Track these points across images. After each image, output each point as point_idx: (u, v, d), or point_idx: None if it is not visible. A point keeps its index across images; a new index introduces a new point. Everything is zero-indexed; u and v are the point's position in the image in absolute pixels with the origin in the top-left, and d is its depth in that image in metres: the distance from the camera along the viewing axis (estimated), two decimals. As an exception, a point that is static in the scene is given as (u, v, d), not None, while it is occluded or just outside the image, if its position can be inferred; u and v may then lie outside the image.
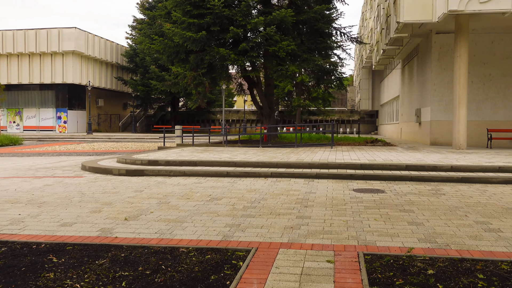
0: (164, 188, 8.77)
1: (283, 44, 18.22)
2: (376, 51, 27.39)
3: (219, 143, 20.83)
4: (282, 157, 12.50)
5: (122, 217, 6.22)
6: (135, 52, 44.04)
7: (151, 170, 10.40)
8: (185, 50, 20.04)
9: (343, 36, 21.45)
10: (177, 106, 48.74)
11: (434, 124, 19.26)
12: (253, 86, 22.45)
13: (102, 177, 10.33)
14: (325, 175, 9.76)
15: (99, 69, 44.57)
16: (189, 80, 19.23)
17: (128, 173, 10.45)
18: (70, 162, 14.76)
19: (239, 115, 52.34)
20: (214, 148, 16.91)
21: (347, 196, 7.85)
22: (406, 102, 26.02)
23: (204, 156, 12.91)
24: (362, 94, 44.53)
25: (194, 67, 19.75)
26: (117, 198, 7.73)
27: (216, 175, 10.11)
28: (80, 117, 43.13)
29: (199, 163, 11.14)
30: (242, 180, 9.74)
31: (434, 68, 19.23)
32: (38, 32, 40.40)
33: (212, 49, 18.75)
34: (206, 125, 51.33)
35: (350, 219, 6.09)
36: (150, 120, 51.13)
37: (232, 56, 18.38)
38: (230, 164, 10.99)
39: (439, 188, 8.63)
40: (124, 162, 11.80)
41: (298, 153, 14.05)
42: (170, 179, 9.93)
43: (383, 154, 13.61)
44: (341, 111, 51.33)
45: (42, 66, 41.06)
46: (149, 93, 43.15)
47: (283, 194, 8.02)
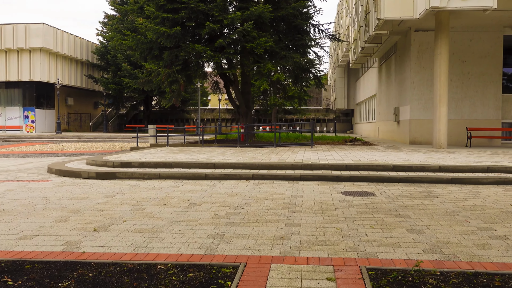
0: (138, 193, 8.09)
1: (261, 40, 17.68)
2: (353, 49, 27.14)
3: (195, 143, 20.15)
4: (262, 157, 11.95)
5: (91, 228, 5.56)
6: (106, 49, 42.74)
7: (123, 173, 9.69)
8: (158, 47, 19.27)
9: (321, 33, 21.06)
10: (151, 105, 47.64)
11: (413, 123, 19.05)
12: (229, 84, 21.84)
13: (69, 181, 9.56)
14: (310, 176, 9.25)
15: (69, 66, 43.09)
16: (163, 78, 18.48)
17: (99, 176, 9.71)
18: (36, 164, 13.84)
19: (214, 114, 51.60)
20: (190, 149, 16.23)
21: (336, 200, 7.36)
22: (383, 101, 25.85)
23: (180, 157, 12.25)
24: (337, 93, 44.43)
25: (169, 64, 19.00)
26: (86, 205, 7.03)
27: (194, 177, 9.48)
28: (49, 117, 41.62)
29: (175, 165, 10.48)
30: (222, 183, 9.14)
31: (413, 66, 19.01)
32: (3, 27, 38.70)
33: (187, 45, 18.05)
34: (180, 125, 50.40)
35: (344, 226, 5.58)
36: (123, 119, 49.85)
37: (208, 52, 17.73)
38: (208, 165, 10.38)
39: (430, 190, 8.23)
40: (94, 164, 11.03)
41: (278, 153, 13.53)
42: (145, 183, 9.25)
43: (366, 154, 13.22)
44: (316, 110, 51.18)
45: (8, 63, 39.38)
46: (121, 91, 41.98)
47: (267, 198, 7.46)
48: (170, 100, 24.46)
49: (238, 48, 19.14)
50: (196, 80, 28.24)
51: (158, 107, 50.09)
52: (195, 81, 25.47)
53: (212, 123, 51.39)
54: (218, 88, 25.14)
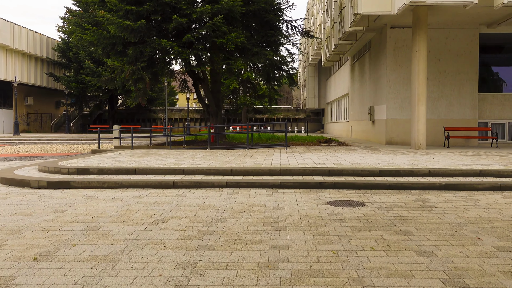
0: (94, 206, 6.98)
1: (232, 36, 16.68)
2: (326, 47, 26.47)
3: (162, 145, 18.97)
4: (236, 161, 10.97)
5: (31, 256, 4.47)
6: (67, 46, 40.75)
7: (79, 181, 8.52)
8: (122, 42, 17.98)
9: (294, 30, 20.22)
10: (116, 104, 45.84)
11: (389, 123, 18.46)
12: (198, 82, 20.73)
13: (16, 191, 8.33)
14: (291, 183, 8.33)
15: (28, 64, 40.87)
16: (127, 75, 17.22)
17: (51, 185, 8.52)
18: (-17, 170, 12.44)
19: (183, 113, 50.21)
20: (157, 151, 15.09)
21: (324, 211, 6.46)
22: (356, 100, 25.28)
23: (146, 161, 11.13)
24: (308, 92, 43.85)
25: (133, 61, 17.75)
26: (29, 223, 5.90)
27: (161, 186, 8.42)
28: (7, 117, 39.35)
29: (139, 171, 9.38)
30: (192, 192, 8.11)
31: (389, 64, 18.42)
32: (-45, 22, 36.29)
33: (153, 40, 16.86)
34: (147, 125, 48.78)
35: (339, 248, 4.68)
36: (86, 119, 47.83)
37: (176, 48, 16.59)
38: (176, 171, 9.32)
39: (424, 198, 7.44)
40: (47, 171, 9.80)
41: (252, 156, 12.58)
42: (104, 193, 8.12)
43: (345, 156, 12.42)
44: (287, 110, 50.50)
45: (-39, 60, 36.98)
46: (84, 90, 40.10)
47: (245, 211, 6.50)
48: (136, 99, 23.15)
49: (208, 44, 18.09)
50: (163, 79, 26.98)
51: (124, 106, 48.32)
52: (162, 79, 24.20)
53: (181, 123, 49.98)
54: (187, 86, 23.99)
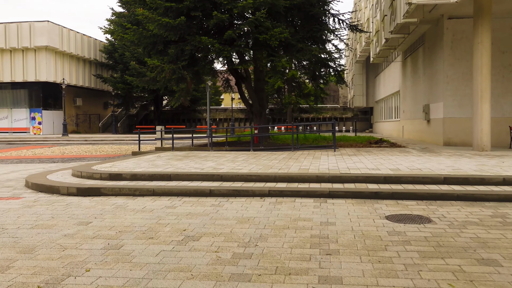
0: (121, 218, 6.28)
1: (275, 31, 15.77)
2: (375, 42, 25.08)
3: (204, 146, 18.35)
4: (280, 165, 10.07)
5: (35, 284, 3.76)
6: (114, 48, 41.15)
7: (110, 188, 7.88)
8: (163, 40, 17.49)
9: (341, 24, 19.06)
10: (161, 104, 46.00)
11: (447, 122, 16.98)
12: (241, 81, 19.98)
13: (44, 199, 7.80)
14: (341, 193, 7.33)
15: (76, 66, 41.62)
16: (167, 74, 16.68)
17: (80, 192, 7.93)
18: (21, 173, 12.15)
19: (227, 113, 49.82)
20: (197, 153, 14.41)
21: (382, 229, 5.45)
22: (409, 98, 23.75)
23: (183, 165, 10.42)
24: (355, 90, 42.29)
25: (174, 60, 17.21)
26: (47, 238, 5.26)
27: (196, 194, 7.64)
28: (57, 118, 40.22)
29: (175, 177, 8.65)
30: (230, 201, 7.27)
31: (446, 58, 16.94)
32: (8, 26, 37.34)
33: (194, 38, 16.22)
34: (192, 125, 48.73)
35: (408, 284, 3.67)
36: (133, 120, 48.32)
37: (217, 45, 15.88)
38: (214, 177, 8.52)
39: (503, 213, 6.26)
40: (79, 175, 9.27)
41: (297, 159, 11.63)
42: (134, 201, 7.43)
43: (401, 160, 11.24)
44: (333, 109, 49.05)
45: (13, 63, 38.02)
46: (130, 91, 40.36)
47: (289, 227, 5.59)
48: (178, 100, 22.70)
49: (250, 41, 17.26)
50: (206, 78, 26.46)
51: (169, 107, 48.46)
52: (206, 79, 23.68)
53: (225, 123, 49.59)
54: (229, 86, 23.31)
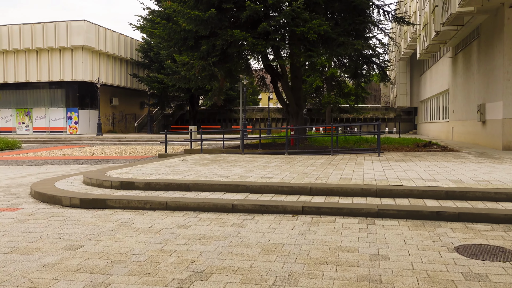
0: (120, 241, 5.11)
1: (314, 23, 14.38)
2: (423, 36, 23.18)
3: (235, 148, 17.15)
4: (317, 173, 8.71)
5: None
6: (149, 46, 40.71)
7: (117, 200, 6.75)
8: (194, 36, 16.42)
9: (387, 16, 17.42)
10: (197, 104, 45.24)
11: (508, 124, 15.08)
12: (277, 78, 18.68)
13: (42, 211, 6.76)
14: (393, 211, 5.90)
15: (112, 65, 41.45)
16: (197, 71, 15.57)
17: (83, 204, 6.85)
18: (38, 177, 11.30)
19: (264, 113, 48.58)
20: (226, 157, 13.21)
21: (455, 269, 4.02)
22: (460, 97, 21.77)
23: (207, 172, 9.22)
24: (399, 89, 40.12)
25: (204, 56, 16.09)
26: (21, 269, 4.16)
27: (216, 209, 6.40)
28: (93, 117, 40.13)
29: (194, 187, 7.45)
30: (255, 220, 5.99)
31: (507, 53, 15.05)
32: (45, 26, 37.47)
33: (225, 32, 15.04)
34: (228, 125, 47.78)
35: None
36: (168, 119, 47.85)
37: (250, 39, 14.64)
38: (239, 188, 7.26)
39: None
40: (89, 183, 8.22)
41: (337, 165, 10.21)
42: (143, 217, 6.27)
43: (459, 168, 9.63)
44: (375, 108, 46.91)
45: (50, 63, 38.14)
46: (166, 90, 39.76)
47: (328, 262, 4.25)
48: (211, 99, 21.64)
49: (286, 35, 15.92)
50: (242, 77, 25.34)
51: (205, 106, 47.70)
52: (241, 78, 22.51)
53: (262, 123, 48.36)
54: (265, 84, 22.06)
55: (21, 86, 39.76)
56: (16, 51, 38.52)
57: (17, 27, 38.08)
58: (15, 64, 38.86)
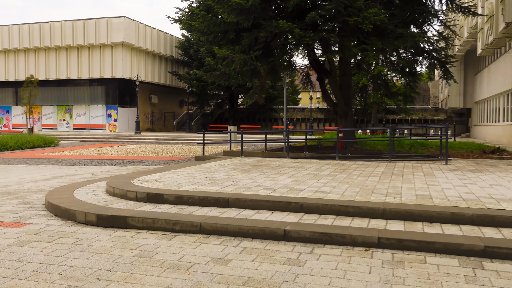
0: (137, 283, 3.79)
1: (369, 12, 12.75)
2: (487, 30, 21.00)
3: (278, 151, 15.72)
4: (382, 186, 7.16)
5: None
6: (189, 43, 39.83)
7: (141, 218, 5.45)
8: (235, 28, 15.12)
9: (450, 5, 15.54)
10: (236, 103, 44.07)
11: None
12: (324, 75, 17.11)
13: (51, 229, 5.54)
14: (506, 251, 4.31)
15: (152, 62, 40.85)
16: (238, 66, 14.23)
17: (100, 221, 5.59)
18: (64, 180, 10.25)
19: (305, 113, 46.87)
20: (270, 161, 11.79)
21: None
22: (528, 97, 19.50)
23: (249, 180, 7.83)
24: (451, 89, 37.55)
25: (246, 49, 14.75)
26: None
27: (264, 235, 4.99)
28: (132, 115, 39.62)
29: (235, 203, 6.06)
30: (316, 254, 4.52)
31: None
32: (86, 22, 37.20)
33: (269, 23, 13.63)
34: (268, 124, 46.39)
35: None
36: (207, 118, 46.93)
37: (297, 31, 13.16)
38: (291, 206, 5.82)
39: None
40: (112, 192, 6.99)
41: (403, 176, 8.60)
42: (170, 243, 4.93)
43: (557, 182, 7.82)
44: (423, 109, 44.32)
45: (91, 60, 37.86)
46: (205, 88, 38.76)
47: None
48: (252, 97, 20.24)
49: (336, 26, 14.33)
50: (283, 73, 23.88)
51: (245, 105, 46.46)
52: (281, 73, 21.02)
53: (303, 124, 46.69)
54: (310, 82, 20.50)
55: (62, 83, 39.73)
56: (57, 48, 38.48)
57: (58, 24, 38.02)
58: (56, 61, 38.84)
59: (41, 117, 40.96)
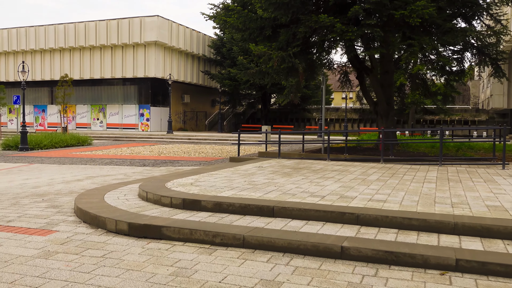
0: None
1: (418, 5, 11.89)
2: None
3: (316, 153, 15.00)
4: (443, 195, 6.39)
5: None
6: (222, 42, 39.42)
7: (177, 229, 4.88)
8: (271, 24, 14.50)
9: (503, -2, 14.45)
10: (269, 102, 43.39)
11: None
12: (365, 73, 16.30)
13: (78, 238, 5.04)
14: None
15: (185, 62, 40.68)
16: (275, 63, 13.57)
17: (132, 231, 5.06)
18: (93, 181, 9.85)
19: (339, 113, 45.78)
20: (309, 164, 11.10)
21: None
22: None
23: (292, 186, 7.18)
24: (494, 88, 35.86)
25: (283, 46, 14.10)
26: None
27: (317, 253, 4.33)
28: (164, 115, 39.53)
29: (281, 212, 5.42)
30: (381, 278, 3.83)
31: None
32: (120, 22, 37.28)
33: (309, 17, 12.93)
34: (300, 125, 45.50)
35: None
36: (239, 118, 46.46)
37: (338, 25, 12.41)
38: (345, 217, 5.13)
39: None
40: (145, 197, 6.46)
41: (462, 182, 7.77)
42: (210, 258, 4.34)
43: None
44: (463, 110, 42.56)
45: (124, 59, 37.94)
46: (238, 88, 38.28)
47: None
48: (288, 96, 19.56)
49: (380, 20, 13.45)
50: (320, 73, 23.16)
51: (277, 105, 45.74)
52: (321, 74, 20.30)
53: (337, 124, 45.62)
54: (348, 81, 19.67)
55: (96, 82, 40.01)
56: (92, 47, 38.76)
57: (93, 24, 38.29)
58: (90, 61, 39.13)
59: (75, 116, 41.39)
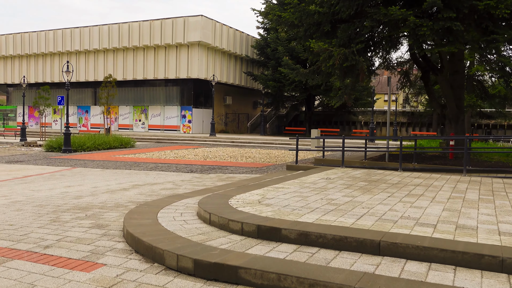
0: None
1: (506, -5, 10.32)
2: None
3: (379, 161, 13.57)
4: None
5: None
6: (266, 42, 38.26)
7: (259, 273, 3.68)
8: (330, 19, 13.18)
9: None
10: (313, 105, 41.89)
11: None
12: (432, 73, 14.72)
13: (132, 277, 3.92)
14: None
15: (227, 62, 39.78)
16: (336, 61, 12.24)
17: (199, 271, 3.90)
18: (141, 191, 8.82)
19: (386, 116, 43.82)
20: (382, 175, 9.71)
21: None
22: None
23: (383, 207, 5.87)
24: (559, 91, 33.12)
25: (346, 42, 12.76)
26: None
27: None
28: (206, 116, 38.77)
29: (388, 249, 4.14)
30: None
31: None
32: (164, 22, 36.73)
33: (377, 10, 11.55)
34: (345, 128, 43.77)
35: None
36: (282, 120, 45.20)
37: (411, 19, 10.98)
38: (483, 262, 3.81)
39: None
40: (207, 220, 5.31)
41: None
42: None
43: None
44: (523, 114, 39.79)
45: (167, 60, 37.39)
46: (281, 89, 37.01)
47: None
48: (341, 98, 18.22)
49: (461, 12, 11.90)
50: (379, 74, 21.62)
51: (321, 107, 44.19)
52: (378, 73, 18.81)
53: (383, 128, 43.64)
54: (409, 81, 18.10)
55: (139, 83, 39.67)
56: (135, 48, 38.44)
57: (137, 24, 37.96)
58: (134, 62, 38.83)
59: (118, 117, 41.23)
